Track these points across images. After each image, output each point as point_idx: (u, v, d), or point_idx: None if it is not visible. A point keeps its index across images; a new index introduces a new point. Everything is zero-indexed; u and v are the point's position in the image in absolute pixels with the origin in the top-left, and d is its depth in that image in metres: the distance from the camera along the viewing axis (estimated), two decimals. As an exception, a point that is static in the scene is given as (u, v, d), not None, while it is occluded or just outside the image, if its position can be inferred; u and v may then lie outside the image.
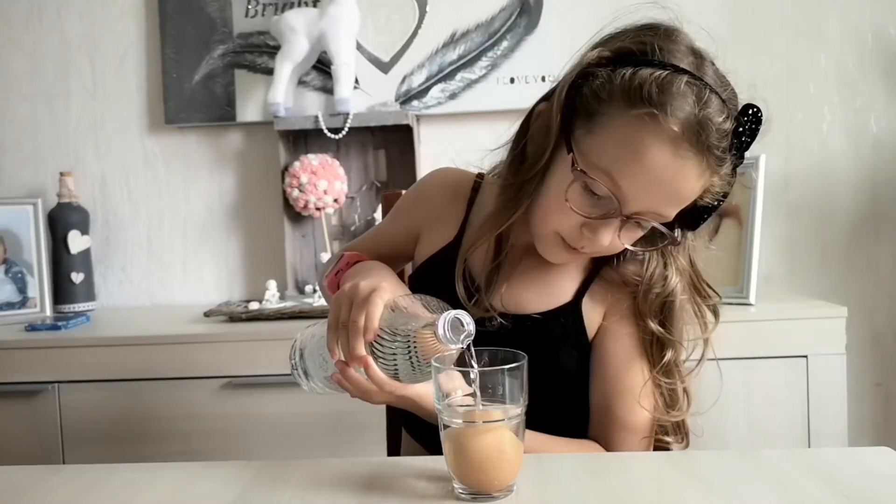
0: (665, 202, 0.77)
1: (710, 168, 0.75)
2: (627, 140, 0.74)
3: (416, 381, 0.73)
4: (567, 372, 0.89)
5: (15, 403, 1.57)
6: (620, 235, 0.79)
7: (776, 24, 1.91)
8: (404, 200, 1.05)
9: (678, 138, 0.72)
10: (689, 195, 0.77)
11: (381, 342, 0.71)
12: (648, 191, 0.75)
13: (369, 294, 0.72)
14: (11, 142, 2.03)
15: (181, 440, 1.56)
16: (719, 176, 0.77)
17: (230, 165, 2.02)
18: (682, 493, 0.66)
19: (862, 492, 0.64)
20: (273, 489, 0.70)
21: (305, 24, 1.84)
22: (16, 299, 1.83)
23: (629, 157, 0.74)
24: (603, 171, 0.76)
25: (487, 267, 0.89)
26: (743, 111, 0.76)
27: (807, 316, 1.53)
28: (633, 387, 0.86)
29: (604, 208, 0.77)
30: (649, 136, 0.73)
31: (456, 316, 0.67)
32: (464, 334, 0.67)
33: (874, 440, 1.88)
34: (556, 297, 0.90)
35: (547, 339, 0.88)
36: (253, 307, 1.74)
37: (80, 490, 0.72)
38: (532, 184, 0.83)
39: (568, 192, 0.78)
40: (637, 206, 0.77)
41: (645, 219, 0.78)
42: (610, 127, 0.76)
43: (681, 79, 0.73)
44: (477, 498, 0.65)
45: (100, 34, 2.01)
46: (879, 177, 1.90)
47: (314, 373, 0.80)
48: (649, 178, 0.74)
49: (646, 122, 0.73)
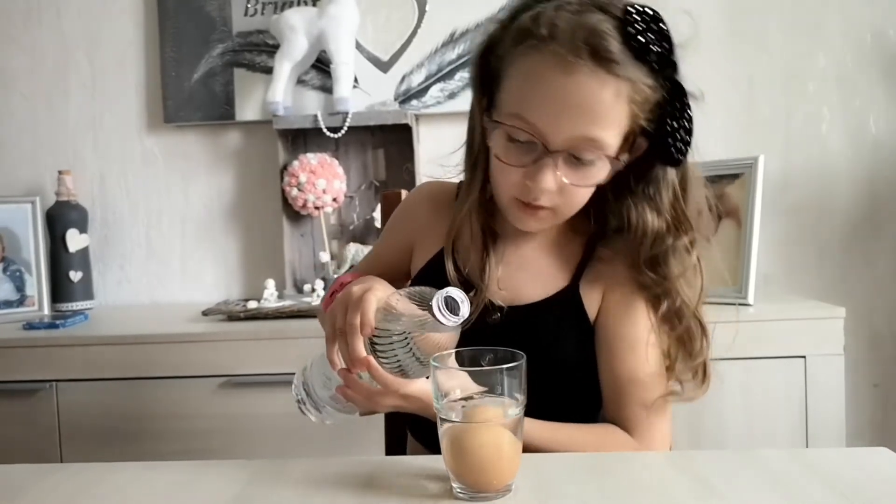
0: (583, 124, 0.76)
1: (611, 73, 0.74)
2: (522, 77, 0.78)
3: (421, 375, 0.73)
4: (570, 357, 0.89)
5: (13, 402, 1.57)
6: (564, 175, 0.79)
7: (775, 23, 1.91)
8: (393, 219, 1.06)
9: (560, 53, 0.74)
10: (605, 111, 0.76)
11: (379, 343, 0.71)
12: (559, 117, 0.76)
13: (361, 294, 0.72)
14: (10, 140, 2.03)
15: (179, 439, 1.56)
16: (632, 84, 0.76)
17: (229, 164, 2.02)
18: (681, 493, 0.66)
19: (860, 492, 0.64)
20: (272, 488, 0.70)
21: (305, 22, 1.84)
22: (14, 298, 1.83)
23: (529, 91, 0.77)
24: (514, 115, 0.78)
25: (479, 262, 0.89)
26: (625, 10, 0.76)
27: (805, 316, 1.53)
28: (646, 366, 0.85)
29: (532, 152, 0.79)
30: (537, 63, 0.76)
31: (448, 294, 0.67)
32: (461, 309, 0.67)
33: (872, 441, 1.88)
34: (553, 284, 0.90)
35: (547, 326, 0.88)
36: (251, 306, 1.74)
37: (78, 489, 0.72)
38: (479, 163, 0.87)
39: (497, 151, 0.81)
40: (560, 138, 0.77)
41: (578, 150, 0.78)
42: (510, 75, 0.80)
43: (552, 4, 0.77)
44: (476, 497, 0.65)
45: (99, 32, 2.01)
46: (878, 177, 1.90)
47: (320, 396, 0.80)
48: (553, 104, 0.76)
49: (531, 54, 0.77)
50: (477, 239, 0.90)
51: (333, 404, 0.79)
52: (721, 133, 1.91)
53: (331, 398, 0.78)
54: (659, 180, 0.84)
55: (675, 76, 0.79)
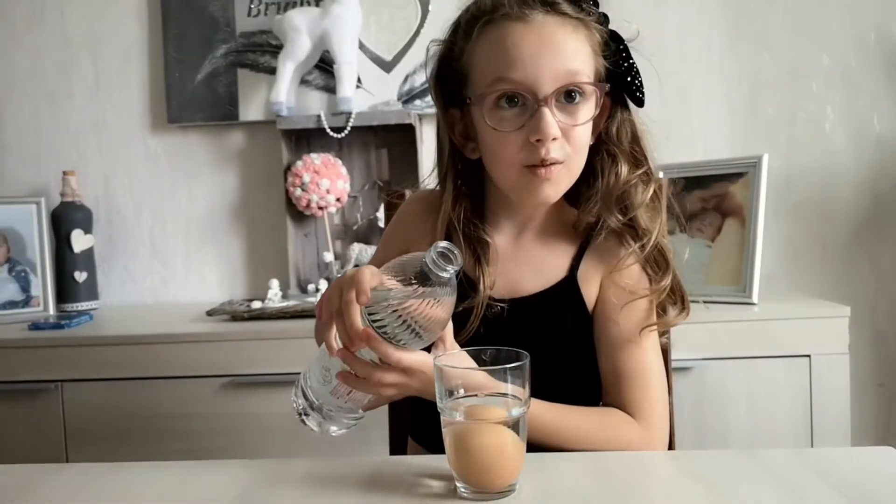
0: (559, 60, 0.81)
1: (562, 14, 0.82)
2: (489, 51, 0.84)
3: (422, 345, 0.73)
4: (571, 346, 0.91)
5: (18, 402, 1.57)
6: (563, 118, 0.82)
7: (778, 23, 1.91)
8: (388, 229, 1.07)
9: (513, 13, 0.82)
10: (572, 44, 0.82)
11: (376, 319, 0.70)
12: (537, 61, 0.81)
13: (354, 273, 0.71)
14: (14, 141, 2.04)
15: (184, 439, 1.56)
16: (583, 23, 0.83)
17: (233, 165, 2.02)
18: (685, 493, 0.66)
19: (864, 492, 0.64)
20: (275, 488, 0.70)
21: (308, 23, 1.84)
22: (19, 298, 1.83)
23: (501, 55, 0.82)
24: (495, 80, 0.82)
25: (472, 270, 0.90)
26: None
27: (809, 315, 1.52)
28: (643, 353, 0.88)
29: (525, 110, 0.82)
30: (497, 31, 0.83)
31: (440, 248, 0.68)
32: (454, 259, 0.68)
33: (877, 440, 1.87)
34: (551, 275, 0.91)
35: (547, 317, 0.90)
36: (255, 306, 1.74)
37: (83, 488, 0.72)
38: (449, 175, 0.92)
39: (493, 123, 0.83)
40: (545, 81, 0.81)
41: (566, 87, 0.82)
42: (475, 61, 0.86)
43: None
44: (479, 497, 0.65)
45: (102, 33, 2.01)
46: (882, 176, 1.90)
47: (320, 395, 0.78)
48: (527, 53, 0.81)
49: (487, 29, 0.84)
50: (466, 249, 0.90)
51: (335, 401, 0.77)
52: (725, 132, 1.91)
53: (331, 394, 0.77)
54: (618, 127, 0.89)
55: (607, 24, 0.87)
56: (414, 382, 0.75)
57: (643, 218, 0.88)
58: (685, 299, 0.91)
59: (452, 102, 0.91)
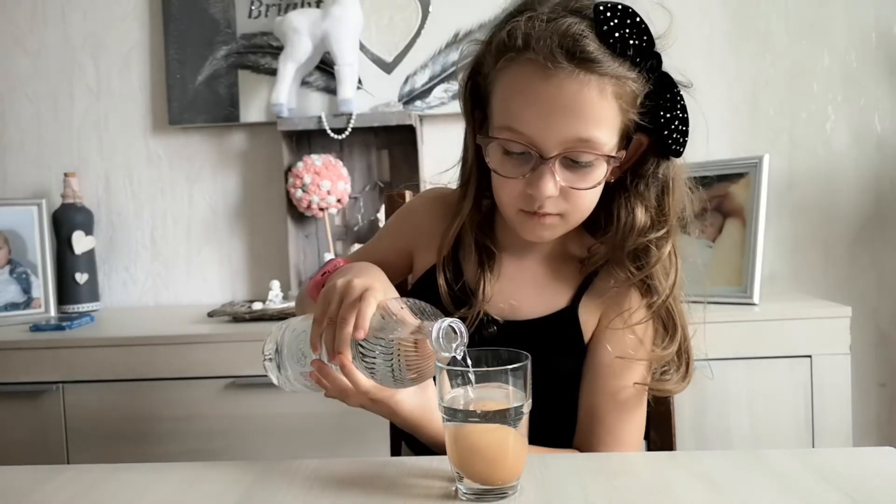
0: (573, 126, 0.76)
1: (592, 72, 0.75)
2: (506, 91, 0.80)
3: (392, 388, 0.72)
4: (564, 377, 0.89)
5: (19, 403, 1.58)
6: (563, 179, 0.79)
7: (780, 22, 1.91)
8: (394, 220, 1.05)
9: (537, 61, 0.75)
10: (592, 110, 0.76)
11: (364, 343, 0.69)
12: (547, 123, 0.77)
13: (363, 292, 0.70)
14: (15, 142, 2.04)
15: (185, 440, 1.56)
16: (615, 80, 0.76)
17: (233, 166, 2.02)
18: (686, 493, 0.66)
19: (866, 492, 0.64)
20: (276, 489, 0.70)
21: (308, 24, 1.84)
22: (20, 300, 1.84)
23: (514, 103, 0.78)
24: (504, 128, 0.79)
25: (475, 277, 0.89)
26: (595, 10, 0.76)
27: (811, 316, 1.52)
28: (629, 391, 0.86)
29: (529, 162, 0.79)
30: (517, 75, 0.78)
31: (451, 324, 0.66)
32: (457, 342, 0.66)
33: (878, 441, 1.87)
34: (553, 303, 0.90)
35: (543, 344, 0.87)
36: (256, 307, 1.74)
37: (84, 490, 0.72)
38: (471, 179, 0.89)
39: (495, 166, 0.82)
40: (552, 143, 0.77)
41: (572, 152, 0.78)
42: (496, 91, 0.81)
43: (522, 17, 0.78)
44: (481, 496, 0.65)
45: (104, 35, 2.02)
46: (884, 176, 1.90)
47: (290, 367, 0.78)
48: (539, 111, 0.77)
49: (510, 67, 0.78)
50: (473, 255, 0.90)
51: (301, 380, 0.78)
52: (726, 132, 1.91)
53: (301, 374, 0.77)
54: (649, 175, 0.84)
55: (660, 67, 0.79)
56: (378, 410, 0.77)
57: (657, 276, 0.85)
58: (689, 366, 0.87)
59: (475, 109, 0.87)
